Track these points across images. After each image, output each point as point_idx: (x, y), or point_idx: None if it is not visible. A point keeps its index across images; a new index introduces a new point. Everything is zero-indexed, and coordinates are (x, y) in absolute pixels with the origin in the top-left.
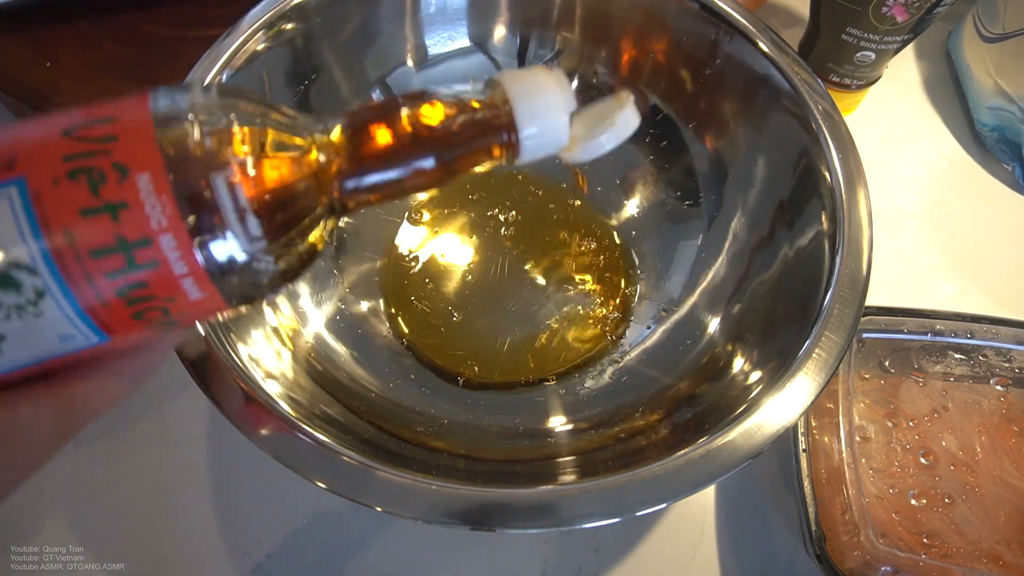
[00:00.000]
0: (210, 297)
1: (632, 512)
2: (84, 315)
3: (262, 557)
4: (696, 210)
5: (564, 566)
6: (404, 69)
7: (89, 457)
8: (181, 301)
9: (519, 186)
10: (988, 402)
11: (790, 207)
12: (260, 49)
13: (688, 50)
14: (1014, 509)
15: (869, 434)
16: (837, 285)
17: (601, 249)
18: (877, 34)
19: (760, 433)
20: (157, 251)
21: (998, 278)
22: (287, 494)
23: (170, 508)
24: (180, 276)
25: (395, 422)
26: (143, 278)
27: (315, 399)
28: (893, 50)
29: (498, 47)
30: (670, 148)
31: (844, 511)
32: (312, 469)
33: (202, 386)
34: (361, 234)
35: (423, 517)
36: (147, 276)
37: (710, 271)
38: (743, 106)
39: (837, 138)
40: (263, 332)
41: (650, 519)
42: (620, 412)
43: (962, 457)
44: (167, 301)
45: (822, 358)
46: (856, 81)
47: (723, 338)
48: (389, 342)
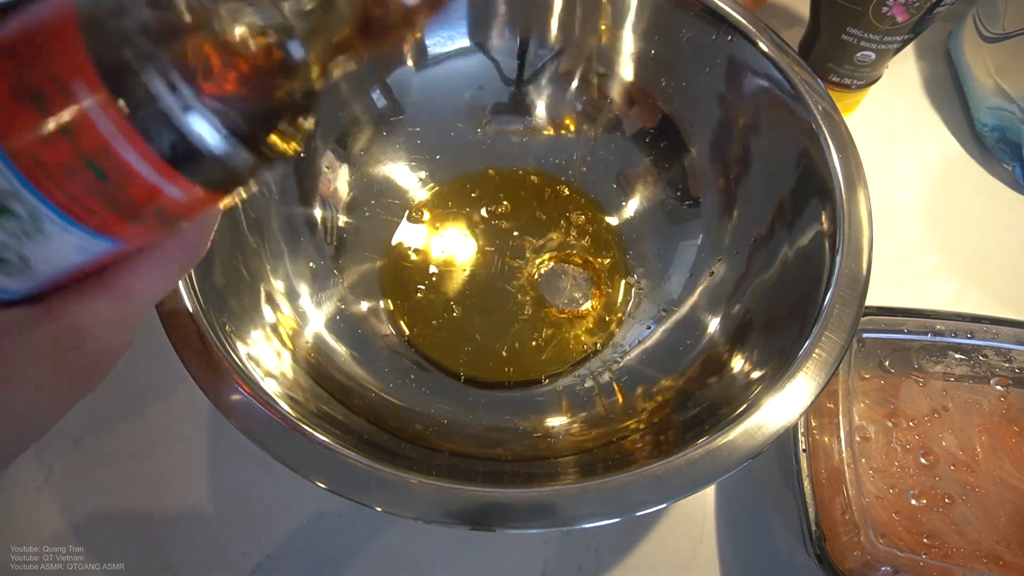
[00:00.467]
0: (186, 188)
1: (632, 512)
2: (82, 227)
3: (262, 557)
4: (696, 210)
5: (564, 566)
6: (404, 69)
7: (89, 457)
8: (163, 198)
9: (519, 185)
10: (988, 402)
11: (790, 207)
12: None
13: (688, 50)
14: (1014, 509)
15: (869, 434)
16: (837, 285)
17: (601, 248)
18: (877, 34)
19: (760, 433)
20: (114, 155)
21: (998, 278)
22: (287, 494)
23: (170, 508)
24: (146, 174)
25: (395, 422)
26: (111, 181)
27: (315, 399)
28: (893, 50)
29: (498, 47)
30: (670, 148)
31: (844, 511)
32: (312, 469)
33: (202, 386)
34: (361, 234)
35: (423, 517)
36: (114, 178)
37: (710, 271)
38: (743, 106)
39: (837, 138)
40: (263, 332)
41: (650, 519)
42: (620, 412)
43: (962, 457)
44: (150, 200)
45: (822, 358)
46: (856, 81)
47: (723, 338)
48: (389, 342)
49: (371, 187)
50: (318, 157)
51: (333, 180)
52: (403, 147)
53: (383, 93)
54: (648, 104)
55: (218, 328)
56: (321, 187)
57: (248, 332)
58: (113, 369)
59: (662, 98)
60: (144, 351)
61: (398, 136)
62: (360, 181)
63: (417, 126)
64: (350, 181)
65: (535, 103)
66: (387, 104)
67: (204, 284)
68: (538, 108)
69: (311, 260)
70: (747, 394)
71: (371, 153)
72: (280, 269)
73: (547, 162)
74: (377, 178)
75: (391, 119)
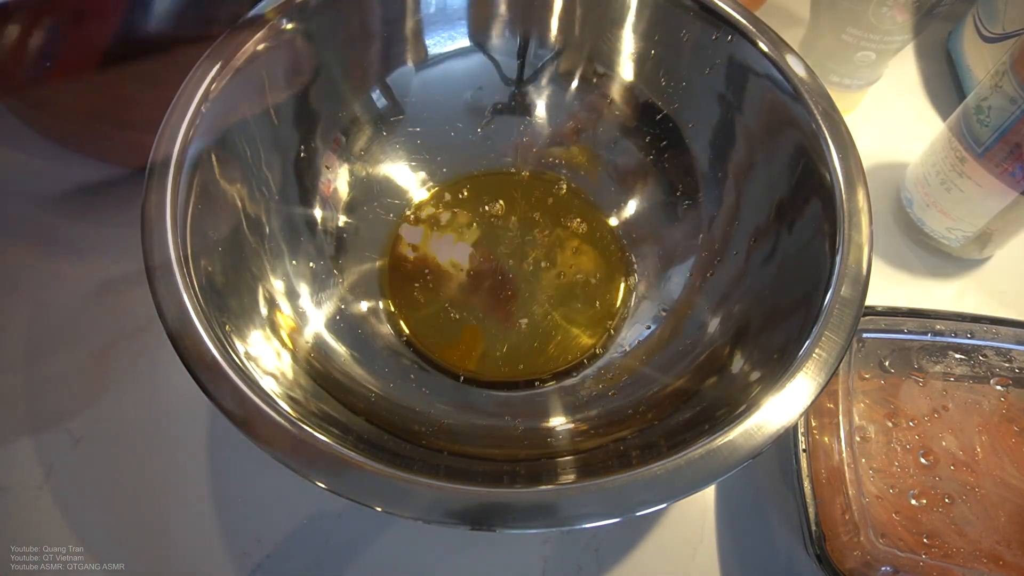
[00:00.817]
0: None
1: (632, 512)
2: None
3: (262, 557)
4: (696, 210)
5: (564, 566)
6: (404, 69)
7: (89, 457)
8: None
9: (519, 185)
10: (988, 402)
11: (790, 207)
12: (260, 49)
13: (688, 49)
14: (1014, 509)
15: (869, 434)
16: (837, 285)
17: (600, 248)
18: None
19: (760, 433)
20: None
21: (998, 278)
22: (287, 494)
23: (170, 508)
24: None
25: (395, 422)
26: None
27: (315, 399)
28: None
29: (498, 47)
30: (670, 148)
31: (844, 511)
32: (312, 469)
33: (201, 386)
34: (361, 234)
35: (423, 517)
36: None
37: (710, 271)
38: (743, 106)
39: (837, 138)
40: (263, 332)
41: (650, 519)
42: (620, 412)
43: (962, 457)
44: None
45: (822, 358)
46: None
47: (723, 338)
48: (389, 342)
49: (371, 187)
50: (318, 157)
51: (333, 180)
52: (403, 147)
53: (383, 93)
54: (648, 104)
55: (218, 328)
56: (321, 187)
57: (248, 332)
58: (114, 370)
59: (662, 98)
60: (144, 351)
61: (398, 136)
62: (360, 181)
63: (417, 126)
64: (350, 181)
65: (535, 103)
66: (387, 104)
67: (204, 284)
68: (538, 108)
69: (311, 260)
70: (747, 394)
71: (371, 153)
72: (280, 269)
73: (547, 162)
74: (377, 178)
75: (391, 119)
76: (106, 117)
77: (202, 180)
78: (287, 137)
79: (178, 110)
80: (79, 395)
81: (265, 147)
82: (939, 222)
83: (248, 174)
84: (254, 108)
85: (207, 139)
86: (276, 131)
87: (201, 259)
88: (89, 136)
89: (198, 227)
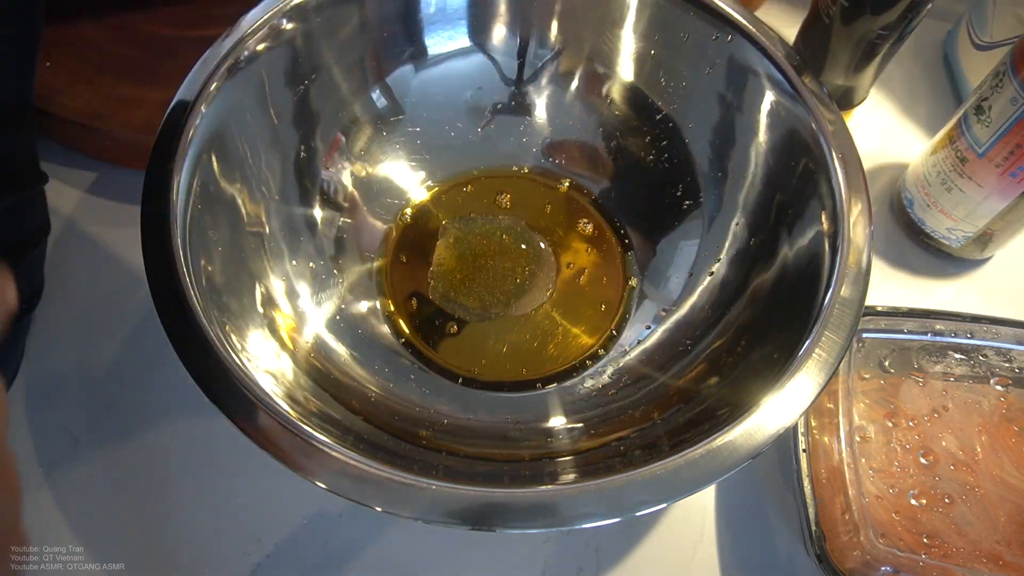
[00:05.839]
0: None
1: (632, 512)
2: None
3: (262, 557)
4: (696, 210)
5: (564, 566)
6: (404, 69)
7: (89, 457)
8: None
9: (519, 185)
10: (988, 402)
11: (790, 207)
12: (260, 49)
13: (688, 49)
14: (1014, 509)
15: (869, 434)
16: (837, 285)
17: (601, 248)
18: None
19: (760, 433)
20: None
21: (998, 278)
22: (287, 494)
23: (170, 508)
24: None
25: (395, 422)
26: None
27: (315, 399)
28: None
29: (498, 47)
30: (670, 148)
31: (844, 511)
32: (312, 469)
33: (202, 386)
34: (361, 234)
35: (423, 517)
36: None
37: (710, 271)
38: (743, 105)
39: (837, 138)
40: (263, 332)
41: (650, 519)
42: (620, 412)
43: (962, 457)
44: None
45: (822, 358)
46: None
47: (723, 338)
48: (389, 342)
49: (371, 187)
50: (318, 157)
51: (333, 180)
52: (403, 147)
53: (383, 93)
54: (648, 104)
55: (218, 328)
56: (321, 187)
57: (248, 332)
58: (113, 370)
59: (662, 98)
60: (144, 351)
61: (398, 136)
62: (360, 181)
63: (417, 126)
64: (350, 181)
65: (535, 103)
66: (387, 104)
67: (204, 284)
68: (538, 108)
69: (311, 260)
70: (747, 394)
71: (371, 153)
72: (280, 269)
73: (546, 162)
74: (377, 178)
75: (391, 119)
76: (106, 117)
77: (202, 180)
78: (287, 137)
79: (178, 110)
80: (79, 395)
81: (265, 147)
82: (939, 222)
83: (248, 174)
84: (254, 108)
85: (207, 139)
86: (276, 131)
87: (201, 259)
88: (89, 136)
89: (198, 227)
